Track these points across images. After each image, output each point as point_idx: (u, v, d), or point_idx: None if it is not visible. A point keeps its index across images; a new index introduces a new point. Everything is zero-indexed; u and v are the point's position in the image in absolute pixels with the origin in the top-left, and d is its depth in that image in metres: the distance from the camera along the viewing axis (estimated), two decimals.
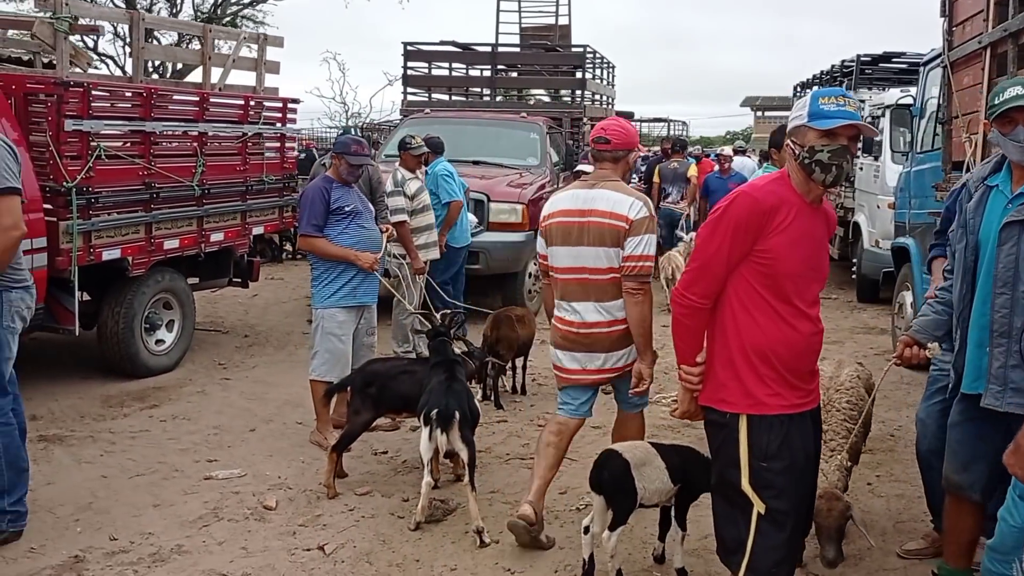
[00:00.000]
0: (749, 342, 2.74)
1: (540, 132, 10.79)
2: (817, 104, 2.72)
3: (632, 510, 3.72)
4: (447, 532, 4.37)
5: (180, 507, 4.60)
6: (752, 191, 2.75)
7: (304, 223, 5.42)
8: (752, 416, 2.73)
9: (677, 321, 2.87)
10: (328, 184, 5.48)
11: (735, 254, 2.73)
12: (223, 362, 7.50)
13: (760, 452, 2.71)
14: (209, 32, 7.27)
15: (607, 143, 4.07)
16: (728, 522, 2.82)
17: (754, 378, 2.73)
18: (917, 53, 13.34)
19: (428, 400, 4.46)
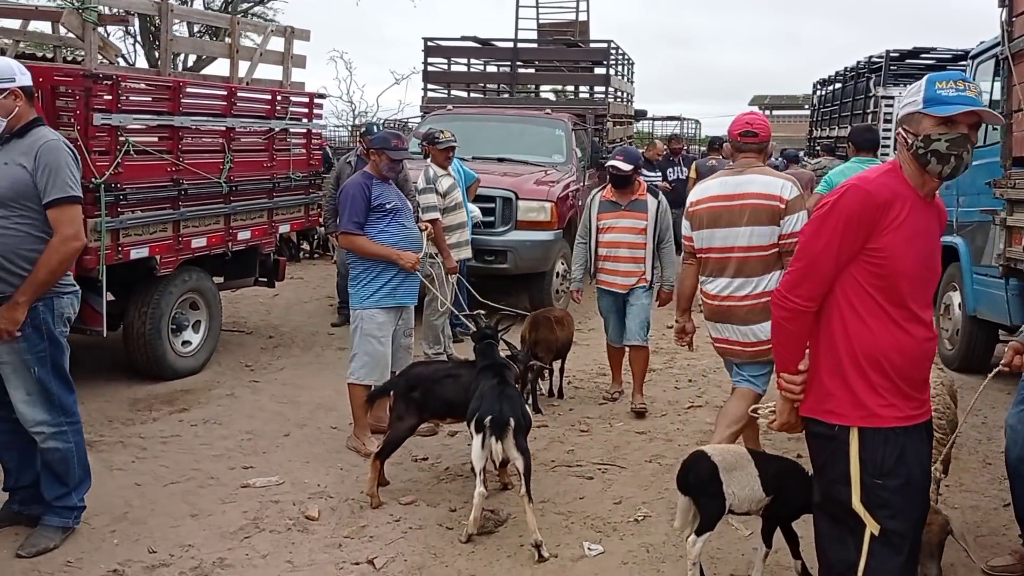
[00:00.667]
0: (860, 348, 2.52)
1: (565, 129, 10.58)
2: (934, 89, 2.49)
3: (720, 516, 3.55)
4: (501, 545, 4.16)
5: (219, 517, 4.41)
6: (864, 184, 2.52)
7: (345, 220, 5.22)
8: (864, 429, 2.52)
9: (778, 326, 2.65)
10: (368, 180, 5.28)
11: (845, 253, 2.51)
12: (250, 364, 7.31)
13: (874, 468, 2.49)
14: (237, 24, 7.07)
15: (755, 136, 4.50)
16: (835, 543, 2.60)
17: (866, 387, 2.52)
18: (947, 48, 13.19)
19: (480, 406, 4.25)
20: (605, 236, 6.25)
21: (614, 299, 6.33)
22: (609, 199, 6.28)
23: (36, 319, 3.78)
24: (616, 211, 6.22)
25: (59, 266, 3.75)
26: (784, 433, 2.95)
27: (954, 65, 13.47)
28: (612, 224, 6.22)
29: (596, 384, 7.04)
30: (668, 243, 6.27)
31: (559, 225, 9.06)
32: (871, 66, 13.09)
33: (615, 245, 6.21)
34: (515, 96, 13.51)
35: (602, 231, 6.27)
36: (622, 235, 6.20)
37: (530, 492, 4.07)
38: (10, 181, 3.67)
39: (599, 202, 6.33)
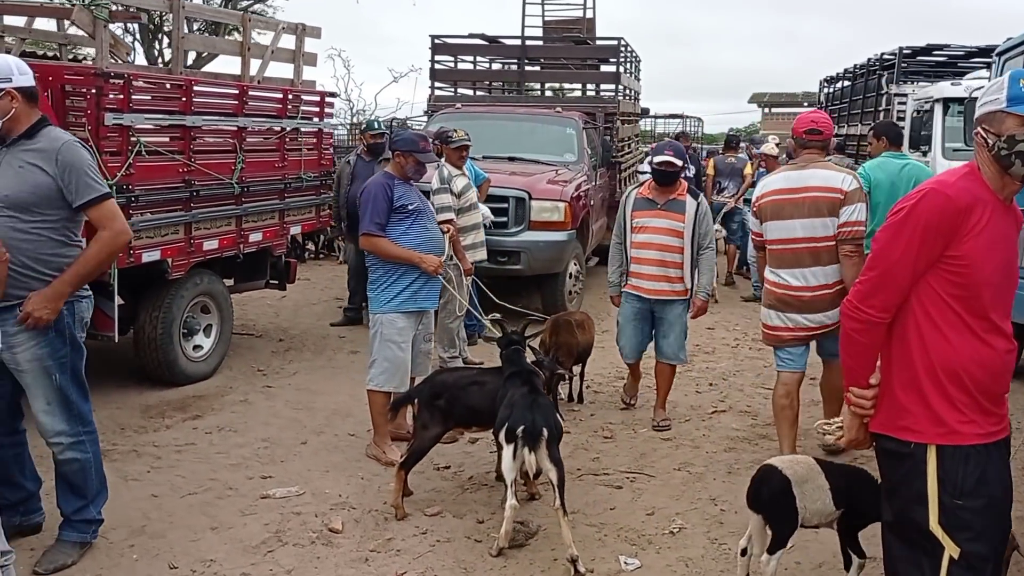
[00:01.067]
0: (938, 362, 2.38)
1: (576, 127, 10.43)
2: (1018, 87, 2.35)
3: (793, 531, 3.43)
4: (533, 559, 4.02)
5: (240, 530, 4.27)
6: (943, 187, 2.38)
7: (367, 221, 5.07)
8: (943, 447, 2.38)
9: (849, 338, 2.50)
10: (390, 181, 5.14)
11: (923, 261, 2.37)
12: (262, 368, 7.16)
13: (954, 488, 2.35)
14: (248, 21, 6.92)
15: (819, 133, 4.91)
16: (909, 566, 2.46)
17: (944, 403, 2.38)
18: (961, 45, 13.06)
19: (511, 415, 4.11)
20: (637, 236, 5.80)
21: (638, 306, 5.87)
22: (645, 196, 5.81)
23: (60, 323, 3.66)
24: (651, 209, 5.75)
25: (108, 259, 3.79)
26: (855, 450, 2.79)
27: (966, 62, 13.37)
28: (645, 223, 5.76)
29: (615, 388, 6.90)
30: (708, 249, 5.83)
31: (572, 225, 8.91)
32: (883, 63, 12.94)
33: (644, 246, 5.78)
34: (523, 94, 13.37)
35: (635, 230, 5.82)
36: (654, 236, 5.74)
37: (565, 505, 3.93)
38: (32, 185, 3.52)
39: (634, 199, 5.86)
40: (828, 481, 3.42)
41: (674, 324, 5.82)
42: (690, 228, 5.69)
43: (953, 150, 9.81)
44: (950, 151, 9.86)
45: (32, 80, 3.62)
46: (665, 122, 30.11)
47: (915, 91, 11.40)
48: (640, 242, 5.79)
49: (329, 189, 8.18)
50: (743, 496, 4.66)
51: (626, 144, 12.88)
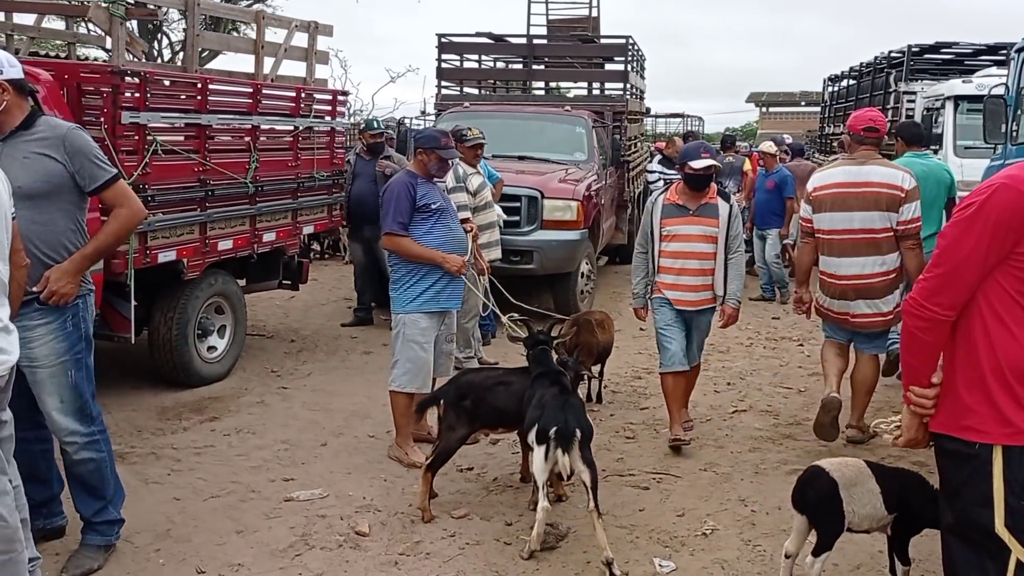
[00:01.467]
0: (1006, 360, 2.32)
1: (586, 126, 10.38)
2: None
3: (839, 535, 3.38)
4: (566, 562, 3.97)
5: (265, 533, 4.21)
6: (1015, 183, 2.31)
7: (389, 221, 5.01)
8: (1010, 447, 2.32)
9: (912, 336, 2.44)
10: (413, 179, 5.08)
11: (992, 257, 2.31)
12: (276, 369, 7.10)
13: (1021, 489, 2.29)
14: (263, 19, 6.85)
15: (876, 131, 5.28)
16: (973, 570, 2.40)
17: (1011, 402, 2.32)
18: (970, 43, 13.03)
19: (542, 416, 4.05)
20: (670, 245, 5.38)
21: (676, 314, 5.44)
22: (675, 202, 5.40)
23: (76, 317, 3.62)
24: (684, 216, 5.35)
25: (124, 234, 3.90)
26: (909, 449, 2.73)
27: (973, 60, 13.33)
28: (678, 231, 5.35)
29: (633, 388, 6.86)
30: (738, 253, 5.45)
31: (585, 224, 8.87)
32: (891, 61, 12.90)
33: (683, 256, 5.35)
34: (530, 93, 13.31)
35: (666, 239, 5.39)
36: (692, 244, 5.34)
37: (599, 506, 3.88)
38: (44, 174, 3.46)
39: (663, 206, 5.43)
40: (879, 485, 3.36)
41: (702, 331, 5.60)
42: (723, 233, 5.36)
43: (965, 148, 9.77)
44: (961, 149, 9.82)
45: (21, 72, 3.54)
46: (666, 121, 30.15)
47: (924, 89, 11.36)
48: (673, 251, 5.39)
49: (341, 188, 8.12)
50: (772, 497, 4.66)
51: (634, 143, 12.82)
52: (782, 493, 4.67)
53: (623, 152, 11.48)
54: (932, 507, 3.27)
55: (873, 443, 5.43)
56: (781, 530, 4.22)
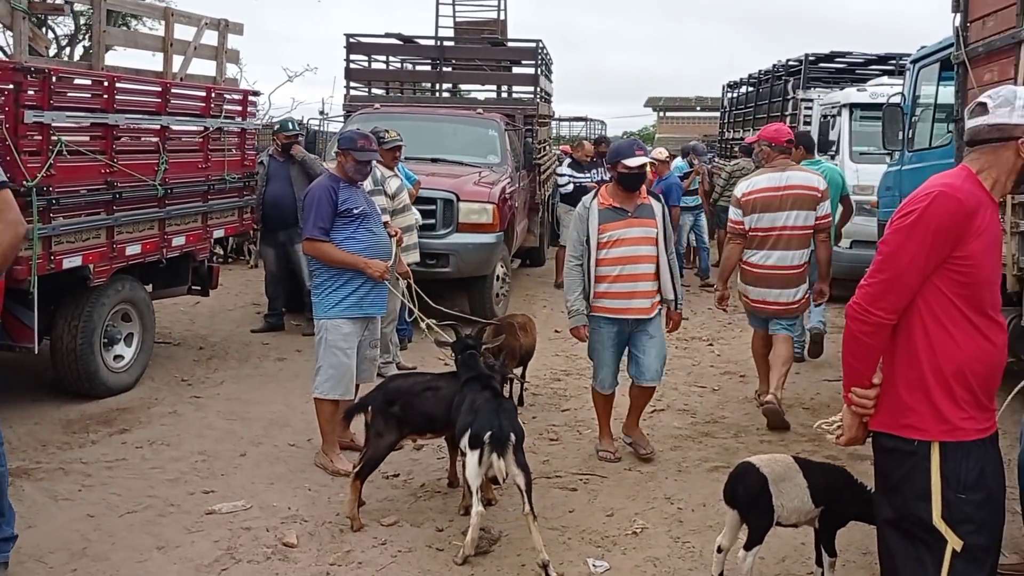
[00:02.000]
0: (945, 360, 2.44)
1: (499, 129, 10.41)
2: None
3: (768, 528, 3.46)
4: (500, 566, 3.97)
5: (188, 548, 4.07)
6: (953, 191, 2.43)
7: (310, 226, 4.91)
8: (947, 443, 2.44)
9: (856, 340, 2.53)
10: (335, 183, 4.99)
11: (932, 262, 2.42)
12: (186, 378, 6.87)
13: (957, 483, 2.41)
14: (171, 16, 6.62)
15: (792, 143, 6.14)
16: (911, 561, 2.50)
17: (948, 401, 2.44)
18: (862, 52, 13.62)
19: (475, 420, 4.04)
20: (612, 251, 5.09)
21: (615, 330, 5.21)
22: (612, 205, 5.13)
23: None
24: (623, 219, 5.10)
25: (10, 252, 3.42)
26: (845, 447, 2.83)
27: (865, 69, 13.95)
28: (620, 236, 5.09)
29: (553, 390, 6.91)
30: (673, 253, 5.31)
31: (500, 228, 8.89)
32: (788, 69, 13.38)
33: (630, 261, 5.09)
34: (439, 95, 13.26)
35: (605, 245, 5.10)
36: (636, 248, 5.10)
37: (534, 510, 3.90)
38: None
39: (598, 211, 5.13)
40: (807, 479, 3.47)
41: (654, 337, 5.23)
42: (662, 233, 5.18)
43: (860, 153, 10.21)
44: (857, 154, 10.25)
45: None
46: (570, 125, 30.48)
47: (820, 97, 11.82)
48: (615, 258, 5.10)
49: (252, 191, 7.92)
50: (696, 494, 4.77)
51: (544, 146, 12.93)
52: (705, 490, 4.80)
53: (535, 155, 11.55)
54: (857, 500, 3.43)
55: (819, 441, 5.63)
56: (708, 526, 4.33)
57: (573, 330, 5.31)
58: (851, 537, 3.89)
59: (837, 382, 7.04)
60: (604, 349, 5.27)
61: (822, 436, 5.43)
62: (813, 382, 7.17)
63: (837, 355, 7.97)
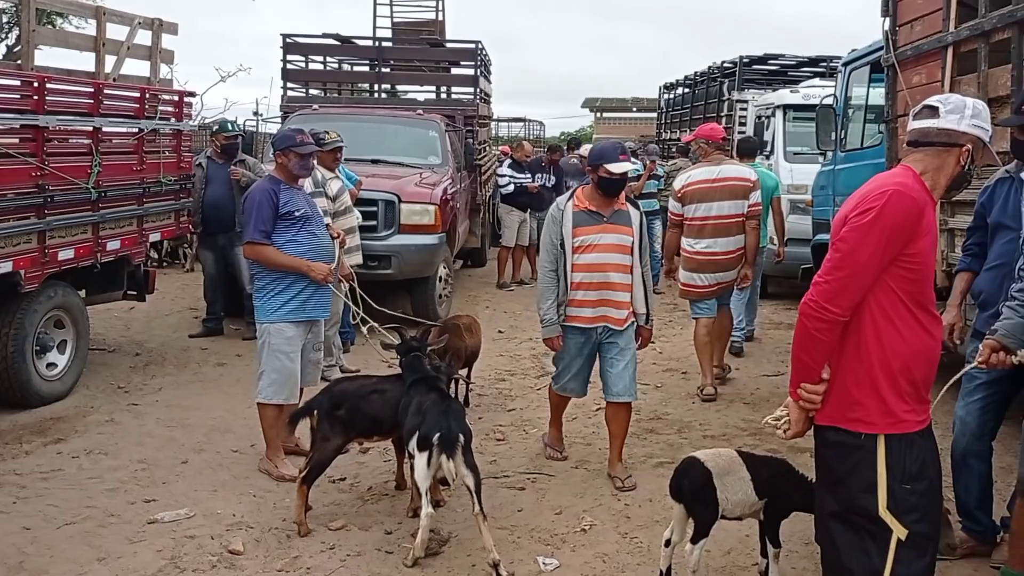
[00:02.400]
0: (893, 355, 2.50)
1: (439, 130, 10.39)
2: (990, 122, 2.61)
3: (714, 522, 3.52)
4: (451, 566, 3.97)
5: (130, 559, 3.98)
6: (907, 190, 2.49)
7: (251, 229, 4.84)
8: (891, 436, 2.51)
9: (809, 336, 2.55)
10: (275, 185, 4.93)
11: (887, 259, 2.48)
12: (123, 385, 6.71)
13: (901, 474, 2.49)
14: (103, 15, 6.46)
15: (726, 140, 6.97)
16: (857, 552, 2.56)
17: (895, 395, 2.51)
18: (793, 55, 13.92)
19: (423, 422, 4.03)
20: (585, 257, 4.83)
21: (583, 340, 4.95)
22: (587, 208, 4.86)
23: None
24: (598, 224, 4.83)
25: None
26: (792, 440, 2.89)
27: (796, 71, 14.27)
28: (594, 241, 4.82)
29: (498, 390, 6.92)
30: (648, 264, 5.03)
31: (442, 228, 8.88)
32: (724, 71, 13.62)
33: (601, 268, 4.83)
34: (379, 96, 13.18)
35: (579, 250, 4.84)
36: (608, 255, 4.84)
37: (484, 510, 3.91)
38: None
39: (572, 213, 4.86)
40: (750, 472, 3.55)
41: (625, 350, 4.93)
42: (638, 242, 4.92)
43: (794, 153, 10.45)
44: (791, 154, 10.49)
45: None
46: (508, 125, 30.54)
47: (755, 98, 12.05)
48: (588, 264, 4.84)
49: (189, 194, 7.77)
50: (643, 489, 4.83)
51: (484, 147, 12.95)
52: (651, 486, 4.86)
53: (475, 156, 11.56)
54: (799, 492, 3.51)
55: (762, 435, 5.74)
56: (655, 521, 4.39)
57: (547, 341, 5.06)
58: (794, 528, 3.97)
59: (775, 376, 7.21)
60: (572, 359, 5.03)
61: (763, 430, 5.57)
62: (753, 377, 7.31)
63: (775, 350, 8.16)
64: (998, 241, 3.81)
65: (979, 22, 4.78)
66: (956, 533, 3.94)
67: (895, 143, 5.87)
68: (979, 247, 4.00)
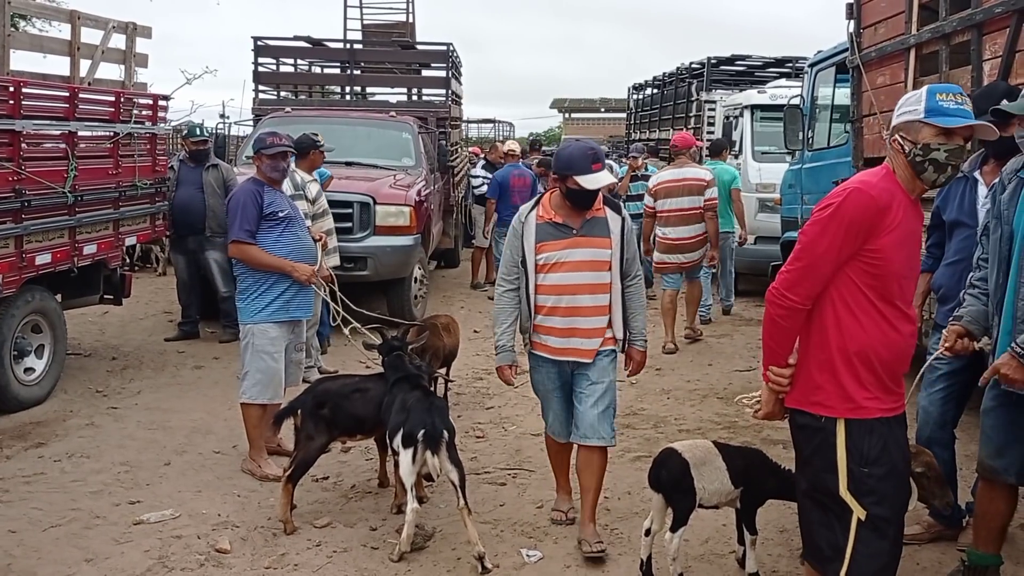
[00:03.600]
0: (851, 344, 2.64)
1: (412, 132, 10.45)
2: (935, 100, 2.63)
3: (692, 510, 3.63)
4: (436, 560, 4.05)
5: (118, 559, 4.02)
6: (867, 188, 2.62)
7: (236, 228, 4.89)
8: (851, 420, 2.64)
9: (773, 322, 2.73)
10: (259, 187, 4.99)
11: (845, 254, 2.62)
12: (101, 389, 6.71)
13: (860, 457, 2.63)
14: (78, 19, 6.45)
15: (690, 147, 8.54)
16: (823, 528, 2.72)
17: (854, 382, 2.64)
18: (760, 56, 14.15)
19: (408, 419, 4.11)
20: (550, 277, 4.04)
21: (559, 371, 4.15)
22: (551, 220, 4.05)
23: None
24: (566, 238, 4.02)
25: None
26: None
27: (763, 72, 14.50)
28: (560, 258, 4.02)
29: (476, 388, 7.01)
30: (637, 278, 4.18)
31: (418, 230, 8.95)
32: (692, 72, 13.80)
33: (569, 290, 4.02)
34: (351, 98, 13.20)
35: (543, 269, 4.05)
36: (579, 274, 4.02)
37: (468, 503, 4.00)
38: None
39: (535, 226, 4.07)
40: (726, 462, 3.67)
41: (598, 383, 4.08)
42: (618, 255, 4.07)
43: (762, 153, 10.64)
44: (759, 153, 10.67)
45: None
46: (478, 127, 30.58)
47: (723, 98, 12.24)
48: (553, 285, 4.04)
49: (164, 197, 7.78)
50: (622, 483, 4.94)
51: (456, 148, 13.02)
52: (629, 479, 4.97)
53: (448, 157, 11.63)
54: (773, 480, 3.64)
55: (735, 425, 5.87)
56: (634, 513, 4.50)
57: (498, 370, 4.28)
58: (769, 516, 4.11)
59: (748, 372, 7.37)
60: (548, 392, 4.25)
61: (737, 424, 5.71)
62: (726, 372, 7.47)
63: (747, 345, 8.33)
64: (956, 238, 3.97)
65: (940, 25, 4.95)
66: (923, 518, 4.09)
67: (860, 142, 6.04)
68: (939, 248, 4.15)
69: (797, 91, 8.72)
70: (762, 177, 10.30)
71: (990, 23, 4.60)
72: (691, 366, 7.70)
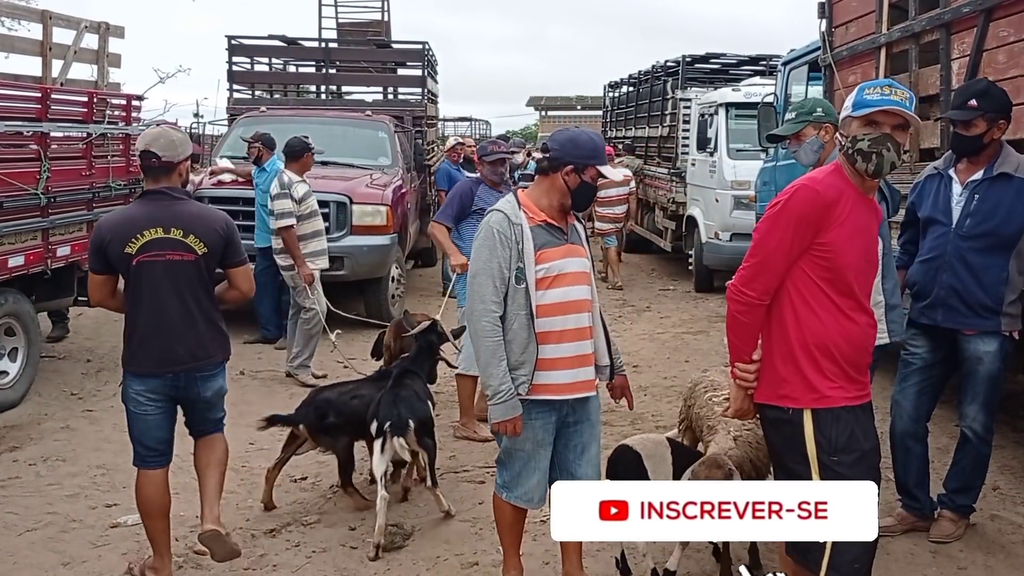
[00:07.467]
0: (811, 337, 2.70)
1: (388, 131, 10.45)
2: (861, 95, 2.72)
3: None
4: (416, 559, 4.07)
5: (95, 563, 4.02)
6: (812, 184, 2.70)
7: (439, 212, 5.96)
8: (817, 410, 2.70)
9: (734, 318, 2.79)
10: (476, 185, 5.84)
11: (796, 249, 2.68)
12: (76, 392, 6.67)
13: (829, 446, 2.68)
14: (49, 19, 6.39)
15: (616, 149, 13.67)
16: None
17: (816, 372, 2.70)
18: (735, 54, 14.23)
19: (376, 412, 4.26)
20: (552, 293, 3.28)
21: (557, 417, 3.38)
22: (545, 223, 3.32)
23: None
24: (560, 244, 3.33)
25: None
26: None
27: (737, 70, 14.58)
28: (562, 269, 3.30)
29: (453, 387, 7.00)
30: None
31: (394, 229, 8.94)
32: (667, 70, 13.85)
33: (575, 308, 3.32)
34: (326, 97, 13.16)
35: (544, 283, 3.27)
36: (578, 288, 3.34)
37: (436, 480, 4.30)
38: None
39: (529, 228, 3.28)
40: (672, 456, 3.76)
41: (596, 424, 3.57)
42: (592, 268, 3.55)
43: (737, 150, 10.71)
44: (734, 151, 10.75)
45: None
46: (455, 125, 30.55)
47: (698, 96, 12.30)
48: (557, 304, 3.29)
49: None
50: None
51: (433, 147, 13.02)
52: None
53: (424, 156, 11.63)
54: None
55: None
56: None
57: (503, 425, 3.26)
58: None
59: (724, 368, 7.41)
60: (539, 448, 3.39)
61: None
62: (702, 369, 7.50)
63: (723, 343, 8.37)
64: (930, 235, 4.03)
65: (909, 24, 5.02)
66: (897, 511, 4.16)
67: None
68: (913, 245, 4.21)
69: (771, 89, 8.79)
70: (737, 174, 10.38)
71: (958, 23, 4.68)
72: (668, 363, 7.75)
